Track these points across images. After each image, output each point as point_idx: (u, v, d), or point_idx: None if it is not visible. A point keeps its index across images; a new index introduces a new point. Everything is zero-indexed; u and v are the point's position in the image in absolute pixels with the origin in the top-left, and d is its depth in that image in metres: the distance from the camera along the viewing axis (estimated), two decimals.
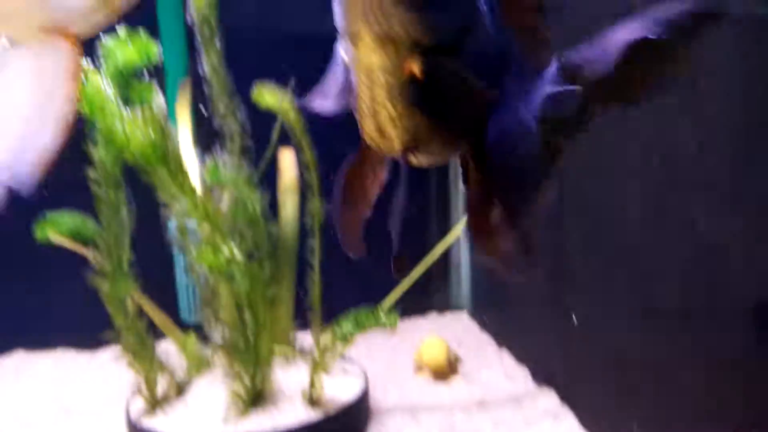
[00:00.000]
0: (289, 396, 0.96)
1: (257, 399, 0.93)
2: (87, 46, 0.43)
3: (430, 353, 1.19)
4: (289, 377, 1.02)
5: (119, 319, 0.91)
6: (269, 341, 0.93)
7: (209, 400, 0.97)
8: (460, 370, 1.20)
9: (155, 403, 0.96)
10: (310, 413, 0.92)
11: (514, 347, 1.27)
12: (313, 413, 0.92)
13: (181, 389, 1.00)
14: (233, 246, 0.83)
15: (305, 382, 0.95)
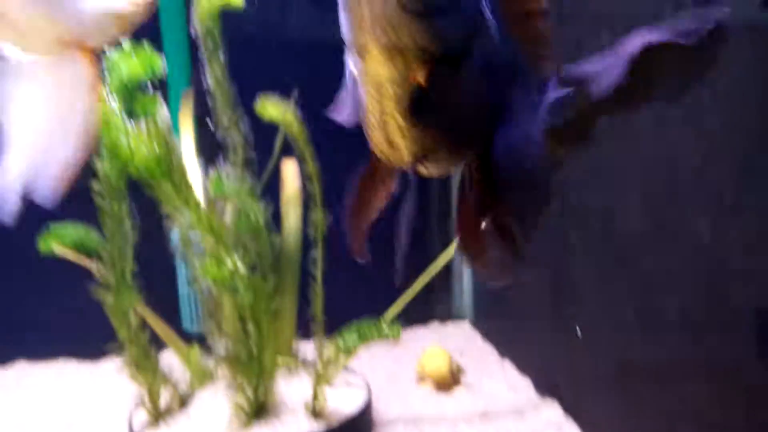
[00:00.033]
0: (292, 408, 0.96)
1: (260, 411, 0.93)
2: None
3: (432, 364, 1.19)
4: (292, 389, 1.02)
5: (123, 332, 0.91)
6: (272, 353, 0.93)
7: (212, 412, 0.96)
8: (462, 380, 1.20)
9: (158, 416, 0.96)
10: (313, 425, 0.92)
11: (516, 357, 1.27)
12: (316, 425, 0.92)
13: (184, 401, 1.00)
14: (237, 259, 0.83)
15: (308, 393, 0.95)
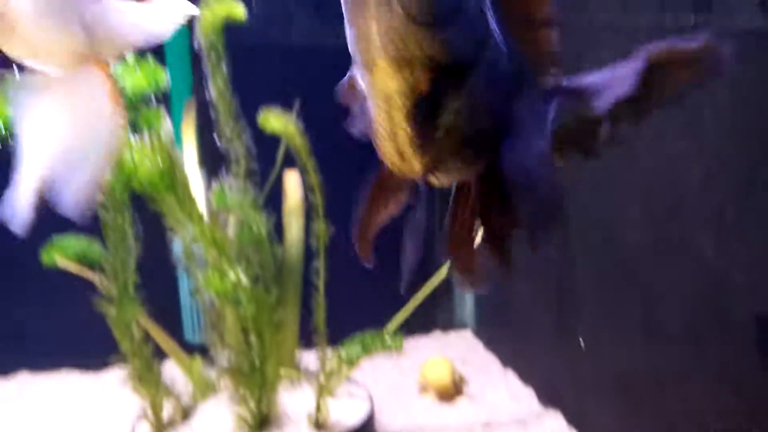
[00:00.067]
0: (295, 420, 0.96)
1: (263, 423, 0.93)
2: None
3: (434, 373, 1.18)
4: (295, 400, 1.02)
5: (125, 344, 0.91)
6: (275, 365, 0.93)
7: (215, 424, 0.96)
8: (464, 390, 1.20)
9: (160, 428, 0.96)
10: None
11: (519, 367, 1.26)
12: None
13: (187, 413, 1.00)
14: (239, 271, 0.83)
15: (311, 405, 0.95)
